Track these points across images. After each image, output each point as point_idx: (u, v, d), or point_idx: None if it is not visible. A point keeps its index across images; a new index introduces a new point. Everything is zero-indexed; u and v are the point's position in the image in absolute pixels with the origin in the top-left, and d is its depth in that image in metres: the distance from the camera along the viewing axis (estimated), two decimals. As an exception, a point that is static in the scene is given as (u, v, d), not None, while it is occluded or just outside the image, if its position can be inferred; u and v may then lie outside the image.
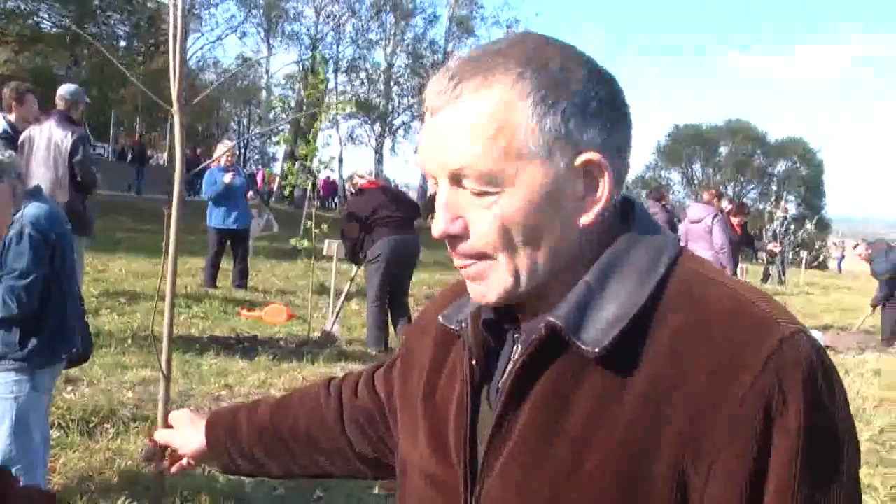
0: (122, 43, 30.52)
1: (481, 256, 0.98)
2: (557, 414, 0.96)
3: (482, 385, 1.07)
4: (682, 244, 1.05)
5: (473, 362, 1.07)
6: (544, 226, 0.96)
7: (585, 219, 0.97)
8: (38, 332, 3.20)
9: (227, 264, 11.17)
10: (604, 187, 0.97)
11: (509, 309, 1.06)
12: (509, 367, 1.04)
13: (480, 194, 0.95)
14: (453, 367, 1.14)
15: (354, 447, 1.40)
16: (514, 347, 1.06)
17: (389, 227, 7.81)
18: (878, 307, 12.15)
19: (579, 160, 0.95)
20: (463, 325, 1.09)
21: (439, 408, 1.13)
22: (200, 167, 9.56)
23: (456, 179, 0.96)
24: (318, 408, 1.46)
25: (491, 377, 1.07)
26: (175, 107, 1.72)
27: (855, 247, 14.93)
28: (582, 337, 0.94)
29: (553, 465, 0.95)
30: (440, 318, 1.16)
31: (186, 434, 1.59)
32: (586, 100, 0.95)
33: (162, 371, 1.69)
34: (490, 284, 0.99)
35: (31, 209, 3.17)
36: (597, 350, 0.93)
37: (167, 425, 1.67)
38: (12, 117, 6.78)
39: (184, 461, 1.63)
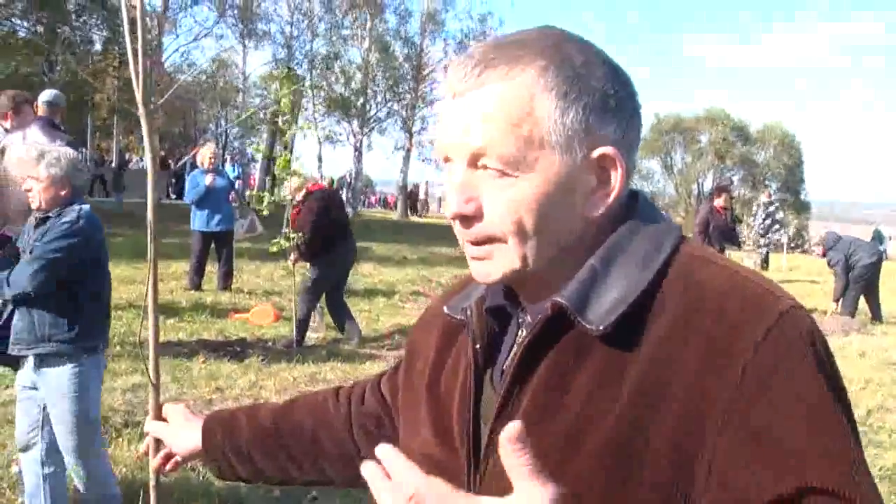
0: (97, 47, 30.23)
1: (490, 239, 1.00)
2: (560, 392, 0.98)
3: (486, 370, 1.09)
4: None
5: (477, 346, 1.09)
6: (555, 214, 0.98)
7: (595, 211, 1.01)
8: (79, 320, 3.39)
9: (211, 267, 11.13)
10: (616, 181, 1.00)
11: (513, 296, 1.09)
12: (514, 349, 1.06)
13: (499, 176, 0.97)
14: (458, 356, 1.16)
15: (361, 452, 1.40)
16: (519, 331, 1.08)
17: (337, 230, 7.84)
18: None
19: (596, 153, 0.99)
20: (468, 312, 1.12)
21: (443, 394, 1.15)
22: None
23: (475, 160, 0.98)
24: (325, 413, 1.46)
25: (494, 363, 1.09)
26: (141, 109, 1.66)
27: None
28: (587, 316, 0.96)
29: (555, 441, 0.96)
30: (445, 308, 1.18)
31: (179, 432, 1.55)
32: (606, 97, 0.99)
33: (150, 379, 1.66)
34: (496, 265, 1.01)
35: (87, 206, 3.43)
36: (601, 328, 0.95)
37: (160, 419, 1.61)
38: (8, 125, 6.66)
39: (176, 458, 1.59)
